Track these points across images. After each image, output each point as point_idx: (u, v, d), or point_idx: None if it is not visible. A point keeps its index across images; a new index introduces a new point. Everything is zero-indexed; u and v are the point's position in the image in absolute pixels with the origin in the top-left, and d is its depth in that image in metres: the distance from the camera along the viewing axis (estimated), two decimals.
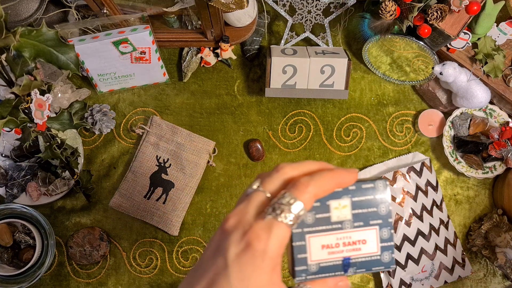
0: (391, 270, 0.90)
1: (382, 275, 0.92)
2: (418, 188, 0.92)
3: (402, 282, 0.91)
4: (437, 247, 0.91)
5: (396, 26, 0.85)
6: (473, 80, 0.87)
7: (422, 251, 0.91)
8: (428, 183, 0.93)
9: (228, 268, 0.32)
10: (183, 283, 0.36)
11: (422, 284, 0.91)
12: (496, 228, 0.91)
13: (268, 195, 0.35)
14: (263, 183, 0.36)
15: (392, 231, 0.41)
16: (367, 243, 0.40)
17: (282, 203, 0.34)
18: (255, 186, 0.36)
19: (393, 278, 0.90)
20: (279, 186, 0.36)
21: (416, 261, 0.90)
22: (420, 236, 0.91)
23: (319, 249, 0.39)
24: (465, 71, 0.88)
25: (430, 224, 0.92)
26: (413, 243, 0.91)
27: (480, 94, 0.88)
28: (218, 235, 0.35)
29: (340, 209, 0.40)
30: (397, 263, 0.91)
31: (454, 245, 0.93)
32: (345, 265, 0.40)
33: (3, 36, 0.55)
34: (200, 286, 0.33)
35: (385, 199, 0.40)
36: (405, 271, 0.90)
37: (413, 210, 0.91)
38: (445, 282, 0.92)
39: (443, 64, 0.87)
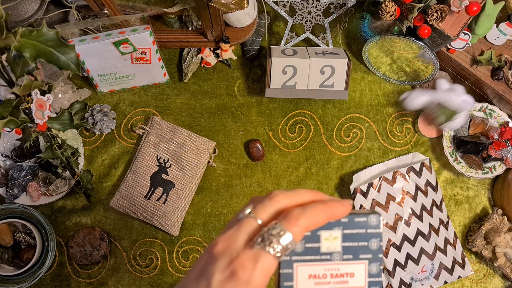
0: (391, 270, 0.90)
1: (382, 275, 0.92)
2: (417, 188, 0.93)
3: (402, 282, 0.91)
4: (437, 247, 0.91)
5: (396, 27, 0.85)
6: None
7: (422, 251, 0.91)
8: (428, 183, 0.94)
9: None
10: None
11: (422, 284, 0.91)
12: (496, 228, 0.91)
13: (259, 222, 0.35)
14: (255, 210, 0.36)
15: (381, 267, 0.40)
16: (355, 276, 0.40)
17: (272, 234, 0.34)
18: (247, 211, 0.36)
19: (393, 278, 0.90)
20: (271, 215, 0.36)
21: (416, 261, 0.90)
22: (420, 236, 0.91)
23: (306, 278, 0.39)
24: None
25: (430, 224, 0.92)
26: (413, 243, 0.91)
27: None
28: (205, 258, 0.35)
29: (331, 240, 0.39)
30: (397, 263, 0.91)
31: (454, 245, 0.93)
32: None
33: (3, 36, 0.55)
34: None
35: (377, 234, 0.40)
36: (405, 271, 0.90)
37: (412, 210, 0.91)
38: (445, 282, 0.92)
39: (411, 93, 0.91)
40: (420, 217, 0.91)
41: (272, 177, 0.96)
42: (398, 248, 0.91)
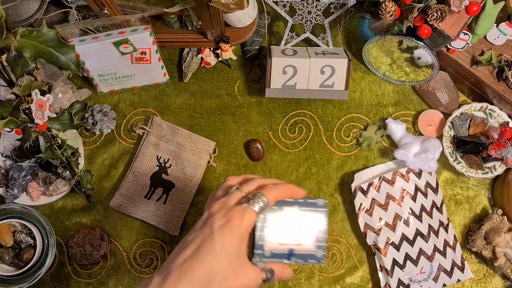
0: (389, 269, 0.90)
1: (380, 274, 0.92)
2: (417, 188, 0.92)
3: (400, 282, 0.90)
4: (436, 249, 0.91)
5: (396, 27, 0.85)
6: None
7: (421, 252, 0.90)
8: (428, 184, 0.94)
9: (213, 234, 0.46)
10: (175, 249, 0.48)
11: (421, 286, 0.91)
12: (496, 228, 0.91)
13: (244, 194, 0.51)
14: (242, 187, 0.51)
15: (326, 235, 0.55)
16: (307, 241, 0.55)
17: (254, 197, 0.49)
18: (234, 188, 0.51)
19: (391, 278, 0.90)
20: (253, 189, 0.51)
21: (415, 262, 0.90)
22: (419, 237, 0.91)
23: (273, 240, 0.54)
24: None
25: (429, 225, 0.91)
26: (411, 243, 0.91)
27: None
28: (205, 216, 0.49)
29: (291, 213, 0.55)
30: (396, 262, 0.91)
31: (453, 248, 0.93)
32: (290, 255, 0.55)
33: (3, 36, 0.55)
34: (190, 248, 0.46)
35: (322, 212, 0.55)
36: (403, 271, 0.90)
37: (412, 210, 0.91)
38: (444, 285, 0.91)
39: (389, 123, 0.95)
40: (419, 217, 0.91)
41: (272, 177, 0.96)
42: (397, 247, 0.90)
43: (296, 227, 0.55)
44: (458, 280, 0.92)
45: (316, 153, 0.97)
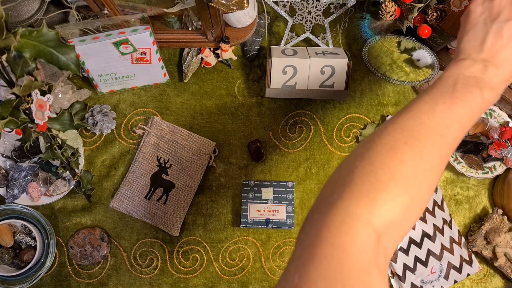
0: (401, 275, 0.90)
1: (392, 281, 0.92)
2: None
3: (413, 286, 0.90)
4: (443, 247, 0.91)
5: (396, 27, 0.85)
6: None
7: (429, 253, 0.91)
8: None
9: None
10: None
11: (433, 286, 0.91)
12: (496, 228, 0.91)
13: None
14: None
15: (293, 208, 0.91)
16: (280, 212, 0.91)
17: None
18: None
19: (404, 283, 0.90)
20: None
21: (425, 263, 0.91)
22: (425, 238, 0.91)
23: (254, 211, 0.90)
24: None
25: (434, 225, 0.92)
26: (419, 245, 0.91)
27: None
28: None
29: (267, 193, 0.92)
30: (407, 267, 0.91)
31: (459, 244, 0.93)
32: (267, 222, 0.90)
33: (3, 36, 0.55)
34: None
35: (291, 191, 0.92)
36: (415, 274, 0.90)
37: None
38: (455, 281, 0.92)
39: None
40: (423, 219, 0.92)
41: (272, 177, 0.96)
42: (406, 251, 0.91)
43: (270, 202, 0.91)
44: (468, 275, 0.92)
45: (316, 153, 0.97)
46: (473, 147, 0.91)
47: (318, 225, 0.39)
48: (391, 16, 0.81)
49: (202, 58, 0.95)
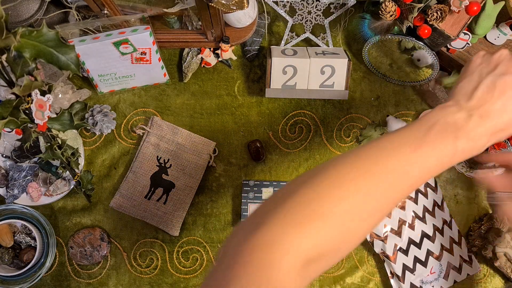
0: (400, 275, 0.90)
1: (392, 281, 0.92)
2: (417, 190, 0.93)
3: (412, 286, 0.90)
4: (443, 247, 0.91)
5: (396, 27, 0.85)
6: None
7: (429, 253, 0.91)
8: (427, 184, 0.94)
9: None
10: (463, 81, 0.54)
11: (432, 286, 0.91)
12: (496, 228, 0.91)
13: None
14: None
15: None
16: None
17: None
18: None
19: (403, 283, 0.90)
20: None
21: (424, 264, 0.91)
22: (425, 238, 0.91)
23: (251, 209, 0.92)
24: None
25: (434, 225, 0.92)
26: (419, 245, 0.91)
27: None
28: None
29: (267, 193, 0.91)
30: (406, 267, 0.91)
31: (459, 244, 0.93)
32: None
33: (3, 36, 0.55)
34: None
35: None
36: (414, 274, 0.90)
37: (415, 213, 0.91)
38: (455, 281, 0.92)
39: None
40: (423, 219, 0.92)
41: (272, 177, 0.96)
42: (405, 252, 0.91)
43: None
44: (468, 275, 0.92)
45: (316, 153, 0.97)
46: None
47: (244, 244, 0.40)
48: (391, 16, 0.80)
49: (202, 58, 0.95)
